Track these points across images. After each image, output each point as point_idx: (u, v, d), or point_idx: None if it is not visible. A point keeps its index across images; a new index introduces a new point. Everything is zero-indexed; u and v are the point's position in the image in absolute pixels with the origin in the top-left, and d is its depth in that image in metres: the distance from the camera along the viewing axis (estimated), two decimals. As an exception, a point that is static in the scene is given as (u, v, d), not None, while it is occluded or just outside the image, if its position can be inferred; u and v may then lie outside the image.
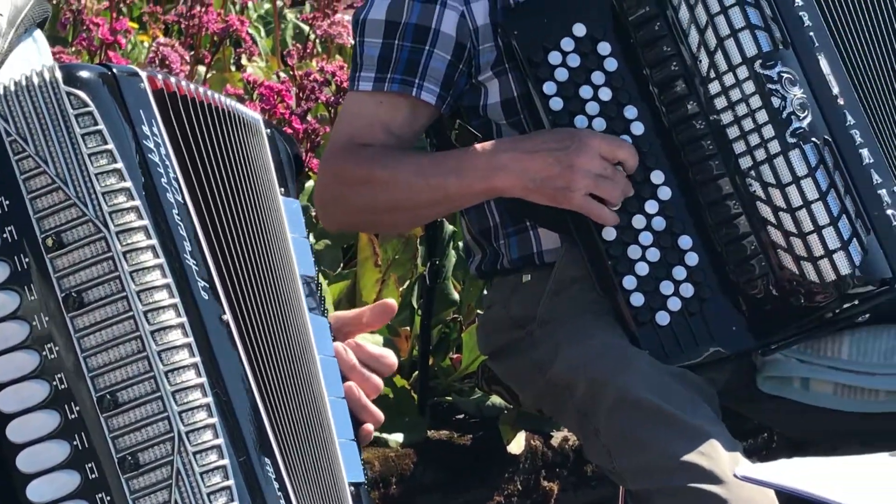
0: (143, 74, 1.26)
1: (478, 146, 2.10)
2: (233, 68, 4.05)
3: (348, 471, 1.37)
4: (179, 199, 1.24)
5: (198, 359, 1.20)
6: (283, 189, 1.39)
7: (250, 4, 5.37)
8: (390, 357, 1.50)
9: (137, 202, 1.20)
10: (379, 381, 1.48)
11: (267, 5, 5.00)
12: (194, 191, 1.26)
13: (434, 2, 2.16)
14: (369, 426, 1.46)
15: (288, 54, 4.95)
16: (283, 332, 1.33)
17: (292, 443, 1.28)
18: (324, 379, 1.37)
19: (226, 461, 1.19)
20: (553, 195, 2.03)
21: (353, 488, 1.37)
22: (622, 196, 2.02)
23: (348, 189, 2.15)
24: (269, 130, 1.39)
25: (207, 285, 1.24)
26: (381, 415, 1.46)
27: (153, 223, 1.21)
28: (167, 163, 1.24)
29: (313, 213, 2.71)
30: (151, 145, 1.23)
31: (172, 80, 1.28)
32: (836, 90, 2.00)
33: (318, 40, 4.89)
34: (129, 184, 1.20)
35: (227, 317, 1.25)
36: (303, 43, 4.92)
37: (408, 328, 2.90)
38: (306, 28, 4.92)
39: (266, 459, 1.23)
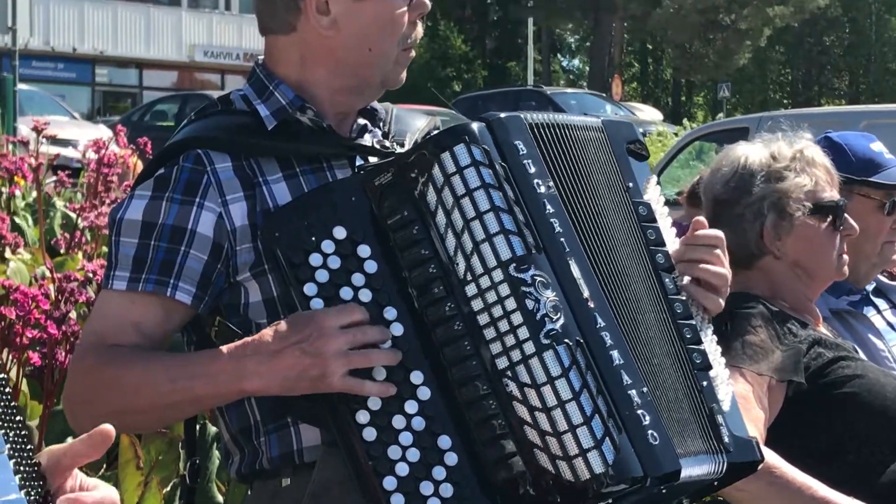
0: None
1: (224, 349, 2.08)
2: (-5, 261, 3.97)
3: None
4: None
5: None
6: None
7: (18, 193, 5.30)
8: (111, 495, 1.46)
9: None
10: None
11: (35, 193, 4.93)
12: None
13: (191, 203, 2.17)
14: None
15: (56, 243, 4.88)
16: None
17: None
18: None
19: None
20: (311, 385, 2.03)
21: None
22: (380, 360, 2.03)
23: (96, 392, 2.11)
24: None
25: None
26: None
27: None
28: None
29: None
30: None
31: None
32: (586, 293, 2.05)
33: (86, 230, 4.84)
34: None
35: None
36: (71, 232, 4.87)
37: (170, 530, 2.82)
38: (74, 216, 4.87)
39: None
